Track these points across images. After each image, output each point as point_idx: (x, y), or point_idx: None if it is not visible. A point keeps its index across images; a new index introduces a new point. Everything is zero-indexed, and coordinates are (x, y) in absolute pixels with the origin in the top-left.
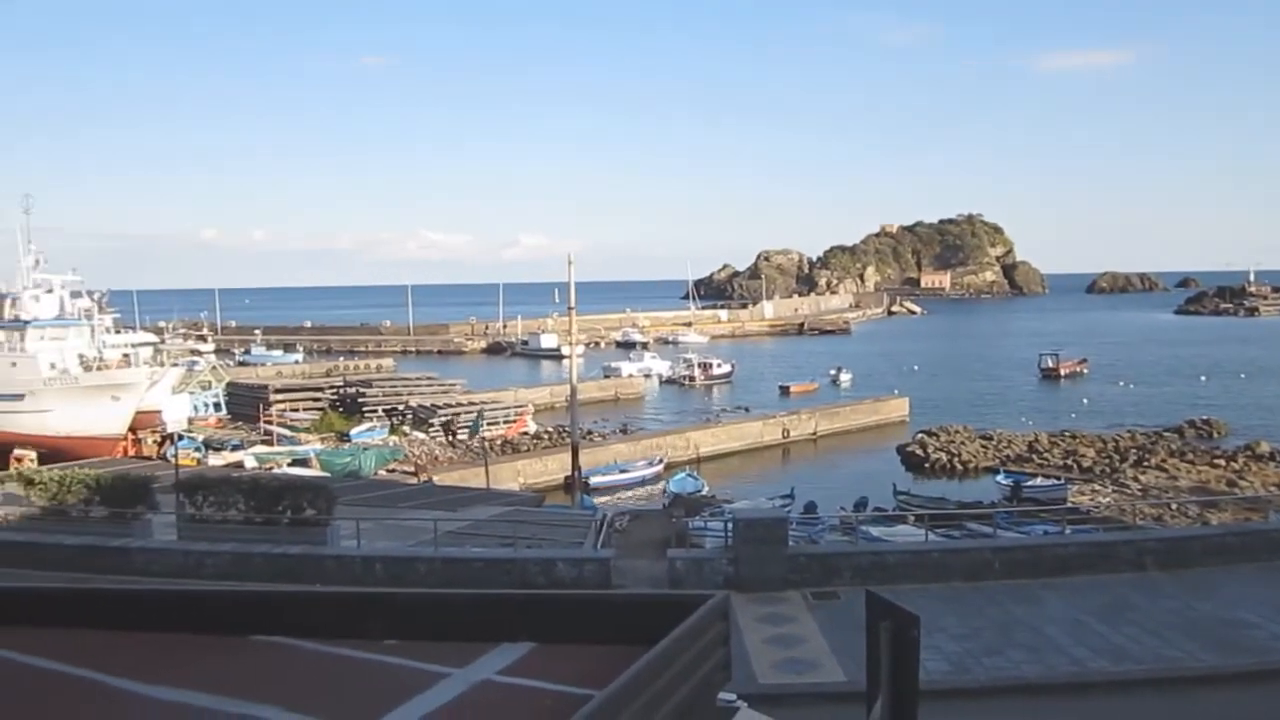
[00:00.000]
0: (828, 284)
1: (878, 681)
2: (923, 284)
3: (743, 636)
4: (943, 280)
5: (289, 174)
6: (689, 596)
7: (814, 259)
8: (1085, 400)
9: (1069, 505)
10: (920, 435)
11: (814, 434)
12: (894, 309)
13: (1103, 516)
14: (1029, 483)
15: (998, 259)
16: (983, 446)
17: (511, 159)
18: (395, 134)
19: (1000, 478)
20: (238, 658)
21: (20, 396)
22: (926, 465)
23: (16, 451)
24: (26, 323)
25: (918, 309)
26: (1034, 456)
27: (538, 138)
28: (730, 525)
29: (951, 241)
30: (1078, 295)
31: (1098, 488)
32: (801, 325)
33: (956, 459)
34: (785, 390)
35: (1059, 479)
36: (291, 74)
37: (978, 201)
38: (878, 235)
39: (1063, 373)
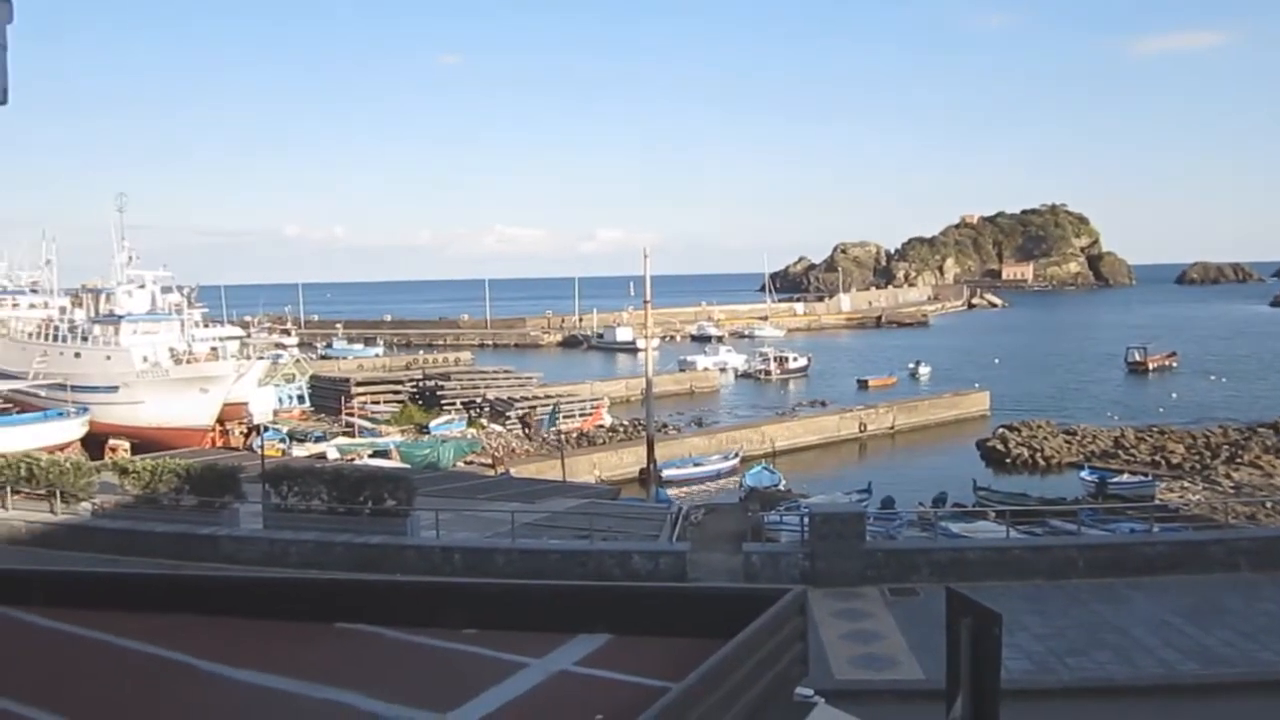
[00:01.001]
0: (906, 276)
1: (958, 680)
2: (1004, 276)
3: (819, 632)
4: (1025, 272)
5: (370, 171)
6: (766, 590)
7: (892, 251)
8: (1174, 395)
9: (1157, 503)
10: (1001, 430)
11: (892, 428)
12: (974, 301)
13: (1192, 515)
14: (1115, 479)
15: (1082, 250)
16: (1066, 442)
17: (588, 153)
18: (473, 131)
19: (1085, 474)
20: (322, 644)
21: (115, 389)
22: (1007, 461)
23: (111, 441)
24: (120, 317)
25: (999, 301)
26: (1120, 452)
27: (614, 132)
28: (806, 520)
29: (1034, 232)
30: (1167, 286)
31: (1187, 485)
32: (879, 318)
33: (1039, 454)
34: (863, 384)
35: (1146, 475)
36: (371, 74)
37: (1062, 191)
38: (957, 226)
39: (1150, 366)
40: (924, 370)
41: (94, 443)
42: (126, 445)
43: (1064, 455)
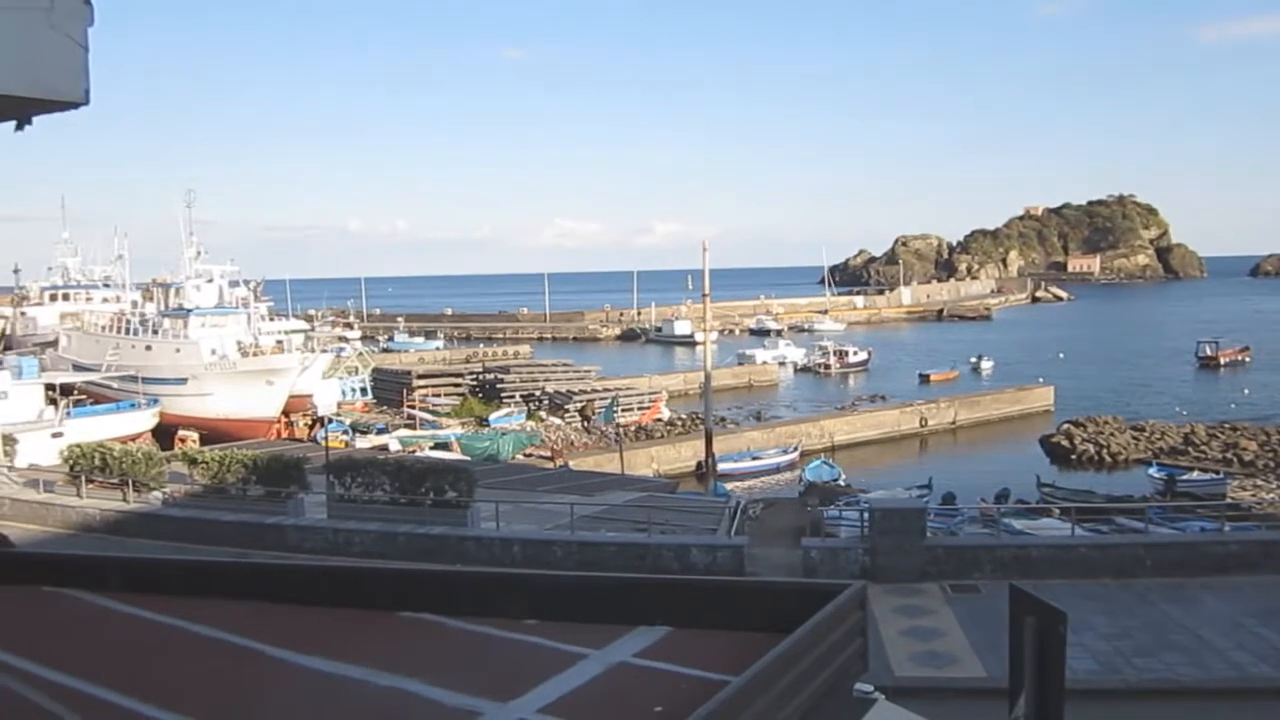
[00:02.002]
0: (968, 269)
1: (1021, 679)
2: (1069, 268)
3: (879, 628)
4: (1091, 264)
5: (431, 166)
6: (826, 585)
7: (954, 243)
8: (1247, 390)
9: (1228, 501)
10: (1066, 426)
11: (953, 423)
12: (1038, 295)
13: (1266, 513)
14: (1184, 476)
15: (1151, 242)
16: (1133, 438)
17: (647, 147)
18: (533, 125)
19: (1153, 471)
20: (386, 632)
21: (184, 381)
22: (1072, 457)
23: (180, 432)
24: (189, 311)
25: (1064, 294)
26: (1190, 449)
27: (673, 125)
28: (866, 515)
29: (1101, 224)
30: (1240, 279)
31: (1260, 483)
32: (940, 312)
33: (1105, 451)
34: (925, 378)
35: (1217, 473)
36: (435, 69)
37: (1130, 181)
38: (1021, 218)
39: (1222, 361)
40: (986, 364)
41: (164, 433)
42: (195, 436)
43: (1131, 452)
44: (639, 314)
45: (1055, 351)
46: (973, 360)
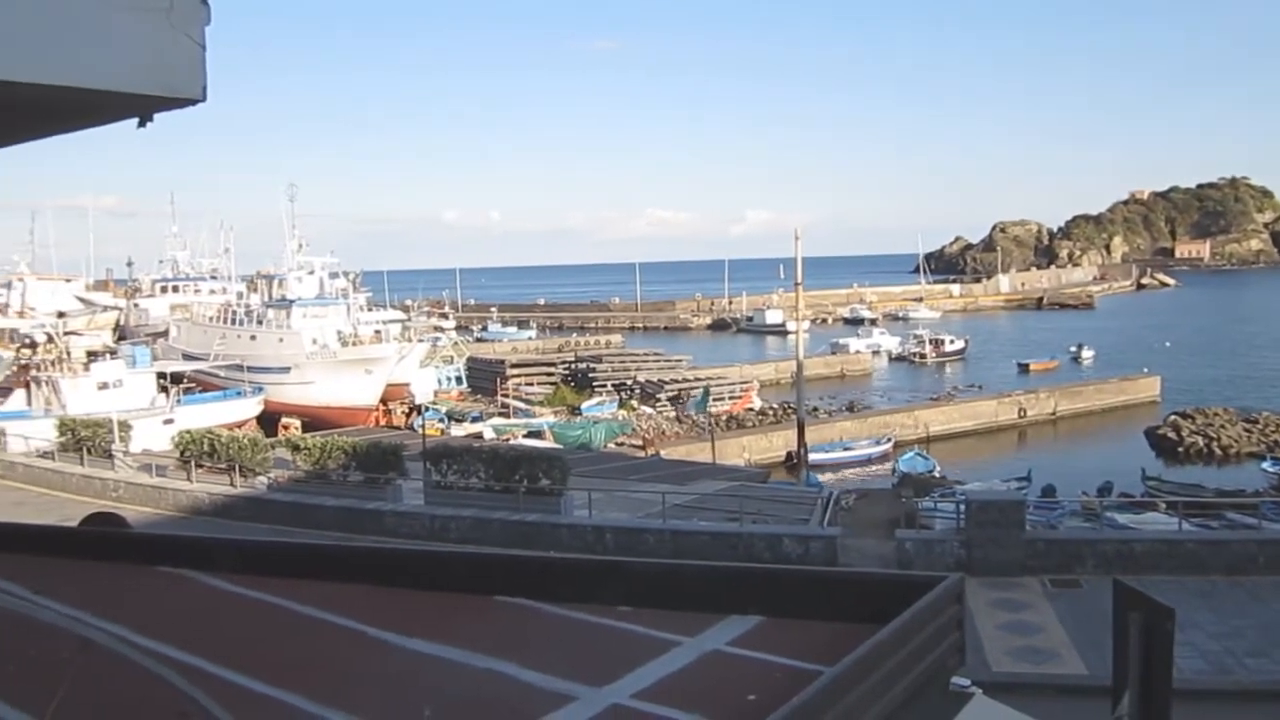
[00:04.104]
0: (1069, 256)
1: (1126, 677)
2: (1177, 254)
3: (976, 622)
4: (1200, 250)
5: (524, 156)
6: (922, 577)
7: (1054, 229)
8: None
9: None
10: (1173, 417)
11: (1053, 414)
12: (1144, 281)
13: None
14: None
15: (1266, 225)
16: (1246, 430)
17: (738, 135)
18: (625, 115)
19: (1267, 465)
20: (483, 616)
21: (287, 369)
22: (1179, 450)
23: (284, 420)
24: (292, 302)
25: (1171, 281)
26: None
27: (766, 113)
28: (963, 507)
29: (1211, 208)
30: None
31: None
32: (1040, 300)
33: (1215, 444)
34: (1024, 368)
35: None
36: (528, 60)
37: (1243, 163)
38: (1126, 203)
39: None
40: (1088, 354)
41: (268, 421)
42: (297, 423)
43: (1243, 445)
44: (730, 303)
45: (1161, 340)
46: (1073, 349)
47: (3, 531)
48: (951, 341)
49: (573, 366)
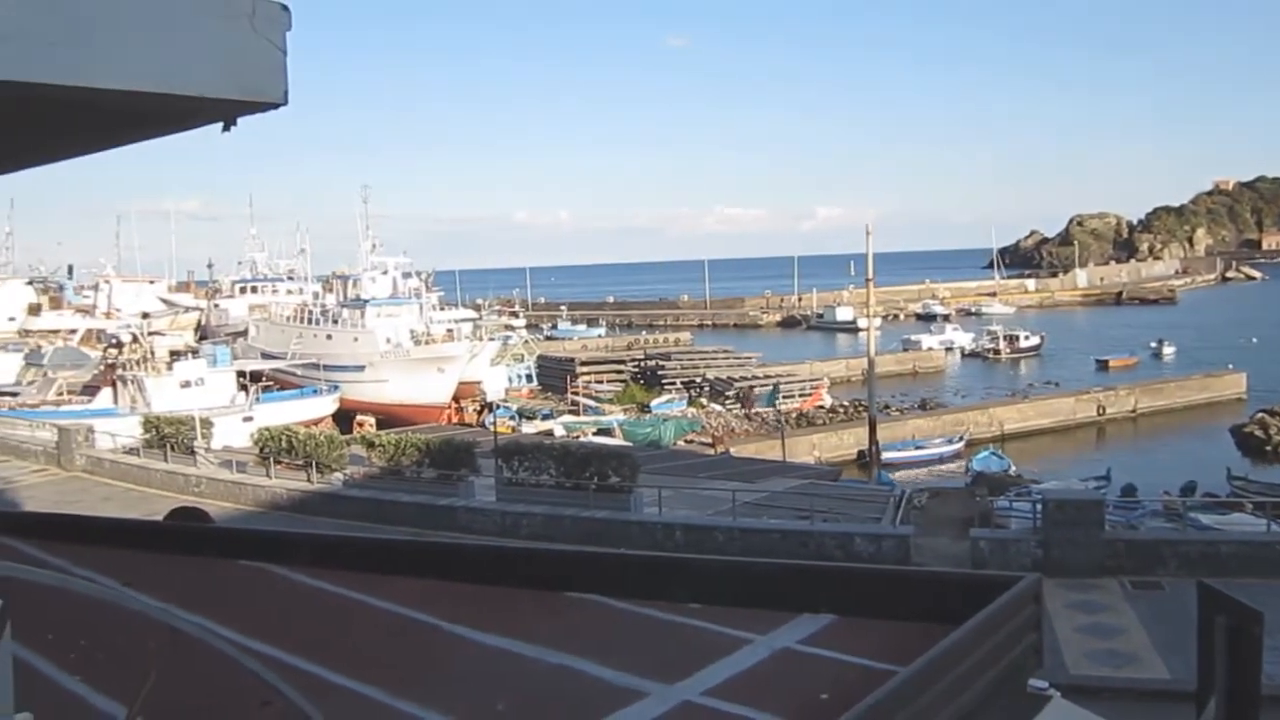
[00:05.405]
0: (1150, 249)
1: (1211, 682)
2: (1264, 246)
3: (1053, 623)
4: None
5: (594, 155)
6: (998, 577)
7: (1134, 222)
8: None
9: None
10: (1260, 415)
11: (1133, 411)
12: (1229, 275)
13: None
14: None
15: None
16: None
17: (808, 131)
18: (695, 112)
19: None
20: (554, 612)
21: (361, 368)
22: (1268, 449)
23: (359, 417)
24: (366, 301)
25: (1257, 274)
26: None
27: (835, 107)
28: (1039, 506)
29: None
30: None
31: None
32: (1119, 294)
33: None
34: (1103, 364)
35: None
36: (600, 58)
37: None
38: (1210, 194)
39: None
40: (1169, 350)
41: (344, 418)
42: (372, 421)
43: None
44: (800, 300)
45: (1247, 335)
46: (1154, 345)
47: (92, 526)
48: (1026, 337)
49: (642, 364)
